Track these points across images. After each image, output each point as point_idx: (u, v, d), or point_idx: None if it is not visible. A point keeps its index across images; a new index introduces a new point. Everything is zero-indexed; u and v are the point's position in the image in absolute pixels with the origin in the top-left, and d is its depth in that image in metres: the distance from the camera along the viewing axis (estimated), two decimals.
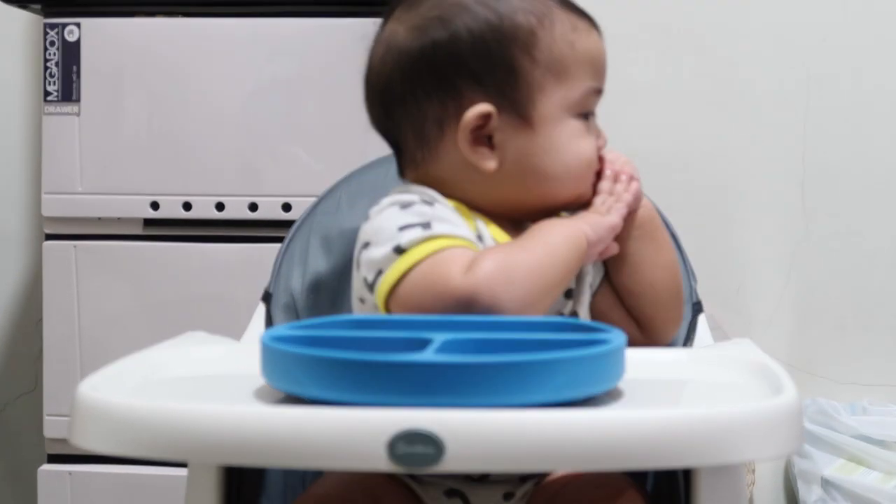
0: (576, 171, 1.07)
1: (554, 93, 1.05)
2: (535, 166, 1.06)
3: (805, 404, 2.04)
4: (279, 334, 0.81)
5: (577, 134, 1.07)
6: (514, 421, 0.69)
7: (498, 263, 0.96)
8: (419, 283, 0.97)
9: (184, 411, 0.72)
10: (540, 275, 0.98)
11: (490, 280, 0.94)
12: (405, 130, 1.09)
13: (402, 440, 0.69)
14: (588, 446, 0.69)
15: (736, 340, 1.05)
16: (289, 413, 0.71)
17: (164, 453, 0.72)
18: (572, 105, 1.06)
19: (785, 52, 2.16)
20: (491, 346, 0.80)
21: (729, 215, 2.18)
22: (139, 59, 1.81)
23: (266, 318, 1.24)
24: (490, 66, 1.04)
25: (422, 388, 0.71)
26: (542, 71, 1.04)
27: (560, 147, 1.06)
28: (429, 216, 1.02)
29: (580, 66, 1.06)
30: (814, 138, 2.16)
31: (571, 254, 1.02)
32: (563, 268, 1.01)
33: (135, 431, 0.72)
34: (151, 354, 0.93)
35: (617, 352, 0.78)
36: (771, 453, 0.72)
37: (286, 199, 1.79)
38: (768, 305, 2.18)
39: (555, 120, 1.05)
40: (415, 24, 1.07)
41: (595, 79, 1.08)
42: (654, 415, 0.70)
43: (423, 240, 0.99)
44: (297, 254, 1.28)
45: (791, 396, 0.74)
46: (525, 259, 0.98)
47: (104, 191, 1.82)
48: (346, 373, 0.72)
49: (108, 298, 1.83)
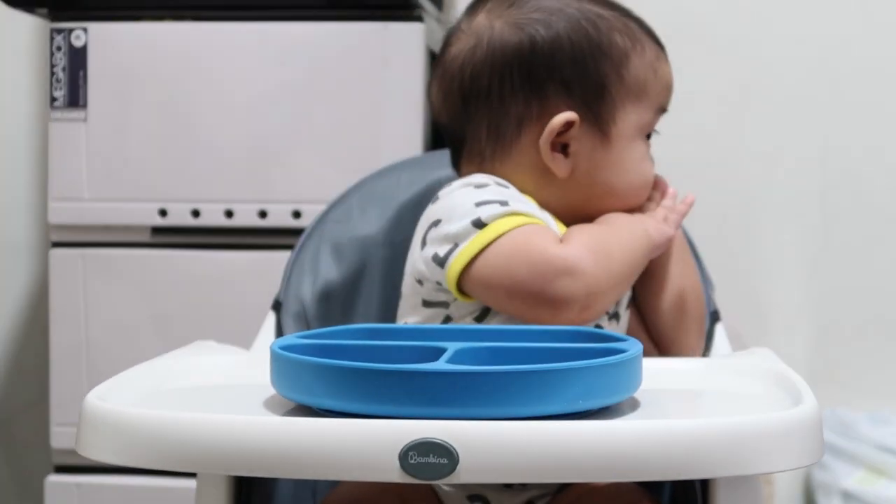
0: (637, 190, 1.13)
1: (632, 113, 1.11)
2: (604, 180, 1.11)
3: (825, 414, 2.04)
4: (289, 343, 0.81)
5: (644, 155, 1.13)
6: (529, 431, 0.69)
7: (594, 240, 1.03)
8: (508, 253, 1.00)
9: (193, 421, 0.72)
10: (631, 257, 1.05)
11: (592, 253, 1.00)
12: (479, 123, 1.12)
13: (414, 451, 0.69)
14: (604, 457, 0.69)
15: (754, 349, 1.04)
16: (299, 423, 0.71)
17: (173, 464, 0.72)
18: (644, 126, 1.12)
19: (806, 56, 2.15)
20: (505, 355, 0.80)
21: (748, 222, 2.18)
22: (147, 64, 1.82)
23: (276, 327, 1.24)
24: (582, 76, 1.09)
25: (435, 397, 0.71)
26: (626, 91, 1.10)
27: (629, 165, 1.11)
28: (506, 196, 1.05)
29: (657, 91, 1.12)
30: (835, 144, 2.15)
31: (645, 248, 1.08)
32: (641, 257, 1.08)
33: (143, 442, 0.72)
34: (160, 364, 0.93)
35: (634, 361, 0.78)
36: (790, 465, 0.72)
37: (296, 206, 1.79)
38: (787, 314, 2.18)
39: (629, 139, 1.11)
40: (515, 21, 1.11)
41: (665, 102, 1.14)
42: (671, 425, 0.70)
43: (505, 214, 1.03)
44: (308, 262, 1.28)
45: (811, 407, 0.74)
46: (616, 240, 1.04)
47: (111, 198, 1.82)
48: (357, 382, 0.72)
49: (116, 307, 1.83)
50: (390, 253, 1.26)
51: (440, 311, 1.06)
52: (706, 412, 0.86)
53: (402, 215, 1.27)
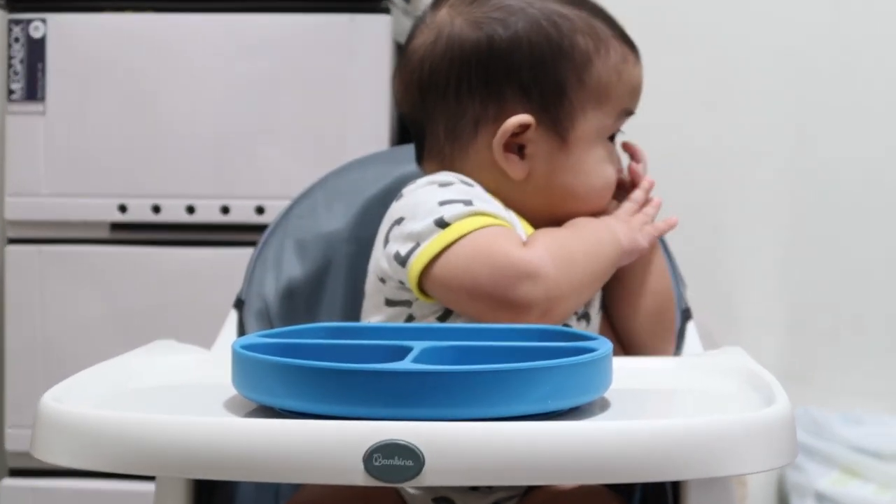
0: (599, 192, 1.12)
1: (592, 118, 1.09)
2: (562, 183, 1.10)
3: (797, 414, 2.05)
4: (251, 342, 0.80)
5: (604, 159, 1.11)
6: (497, 432, 0.69)
7: (558, 243, 1.02)
8: (469, 255, 1.00)
9: (152, 423, 0.71)
10: (596, 263, 1.04)
11: (553, 257, 0.99)
12: (437, 121, 1.12)
13: (379, 452, 0.68)
14: (573, 459, 0.69)
15: (726, 348, 1.04)
16: (261, 425, 0.70)
17: (131, 467, 0.71)
18: (605, 130, 1.11)
19: (777, 51, 2.16)
20: (473, 354, 0.80)
21: (719, 219, 2.19)
22: (107, 57, 1.81)
23: (238, 326, 1.24)
24: (540, 79, 1.08)
25: (400, 398, 0.70)
26: (587, 95, 1.09)
27: (588, 170, 1.10)
28: (470, 195, 1.05)
29: (620, 95, 1.11)
30: (806, 141, 2.17)
31: (612, 255, 1.07)
32: (608, 264, 1.07)
33: (100, 444, 0.72)
34: (118, 364, 0.93)
35: (603, 360, 0.78)
36: (763, 466, 0.72)
37: (260, 201, 1.78)
38: (759, 311, 2.19)
39: (588, 143, 1.10)
40: (475, 18, 1.10)
41: (630, 105, 1.12)
42: (642, 426, 0.70)
43: (468, 214, 1.02)
44: (271, 259, 1.27)
45: (784, 406, 0.74)
46: (580, 246, 1.04)
47: (70, 193, 1.81)
48: (321, 383, 0.72)
49: (74, 305, 1.82)
50: (356, 249, 1.26)
51: (403, 310, 1.06)
52: (677, 412, 0.86)
53: (368, 211, 1.26)
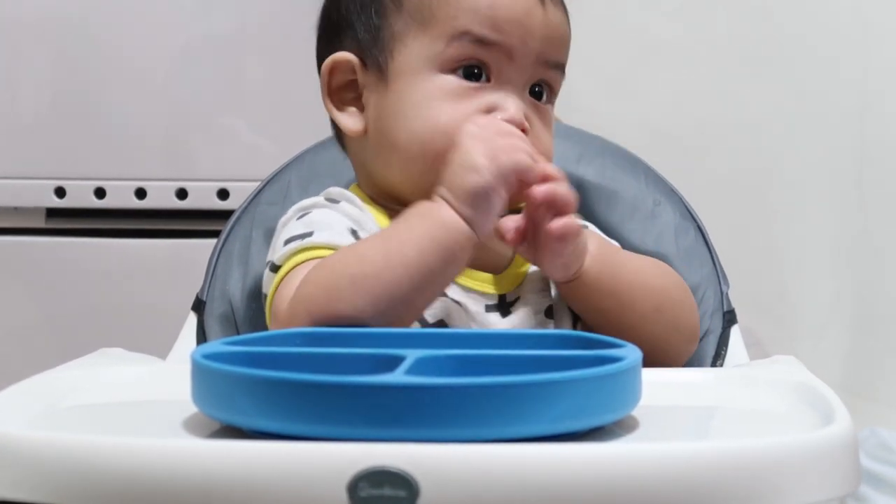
0: (423, 140, 1.05)
1: (414, 43, 1.07)
2: (385, 129, 1.08)
3: (862, 436, 2.05)
4: (214, 351, 0.81)
5: (433, 95, 1.05)
6: (504, 457, 0.69)
7: (337, 271, 0.95)
8: (283, 299, 1.00)
9: (97, 446, 0.72)
10: (407, 259, 0.94)
11: (327, 290, 0.94)
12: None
13: (365, 481, 0.69)
14: (594, 488, 0.69)
15: (777, 358, 1.05)
16: (226, 448, 0.71)
17: (71, 498, 0.72)
18: (437, 58, 1.06)
19: (843, 19, 2.16)
20: (475, 364, 0.80)
21: (770, 206, 2.19)
22: (41, 15, 1.81)
23: (198, 332, 1.24)
24: (360, 11, 1.10)
25: (390, 417, 0.71)
26: (405, 18, 1.07)
27: (409, 109, 1.06)
28: (315, 224, 1.05)
29: (456, 11, 1.05)
30: (873, 112, 2.16)
31: (436, 247, 0.96)
32: (417, 268, 0.95)
33: (35, 471, 0.72)
34: (57, 376, 0.93)
35: (631, 372, 0.78)
36: (819, 497, 0.73)
37: (222, 184, 1.79)
38: (817, 316, 2.19)
39: (411, 75, 1.06)
40: None
41: (473, 26, 1.05)
42: (676, 450, 0.71)
43: (294, 253, 1.03)
44: (237, 252, 1.28)
45: (845, 426, 0.75)
46: (381, 252, 0.95)
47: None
48: (295, 398, 0.72)
49: (4, 306, 1.82)
50: None
51: None
52: (717, 434, 0.86)
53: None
